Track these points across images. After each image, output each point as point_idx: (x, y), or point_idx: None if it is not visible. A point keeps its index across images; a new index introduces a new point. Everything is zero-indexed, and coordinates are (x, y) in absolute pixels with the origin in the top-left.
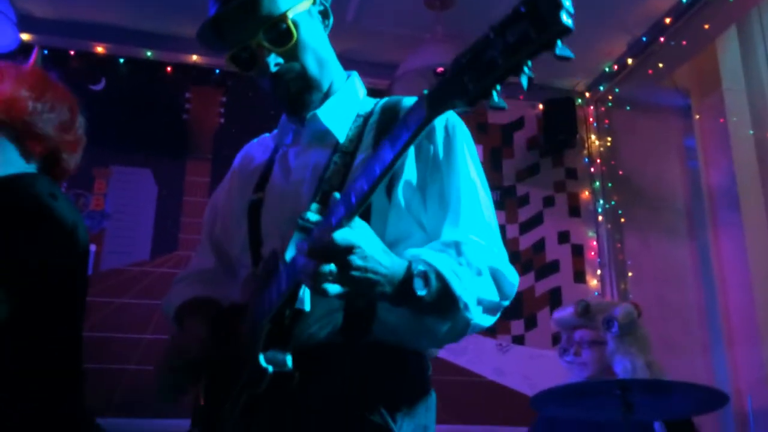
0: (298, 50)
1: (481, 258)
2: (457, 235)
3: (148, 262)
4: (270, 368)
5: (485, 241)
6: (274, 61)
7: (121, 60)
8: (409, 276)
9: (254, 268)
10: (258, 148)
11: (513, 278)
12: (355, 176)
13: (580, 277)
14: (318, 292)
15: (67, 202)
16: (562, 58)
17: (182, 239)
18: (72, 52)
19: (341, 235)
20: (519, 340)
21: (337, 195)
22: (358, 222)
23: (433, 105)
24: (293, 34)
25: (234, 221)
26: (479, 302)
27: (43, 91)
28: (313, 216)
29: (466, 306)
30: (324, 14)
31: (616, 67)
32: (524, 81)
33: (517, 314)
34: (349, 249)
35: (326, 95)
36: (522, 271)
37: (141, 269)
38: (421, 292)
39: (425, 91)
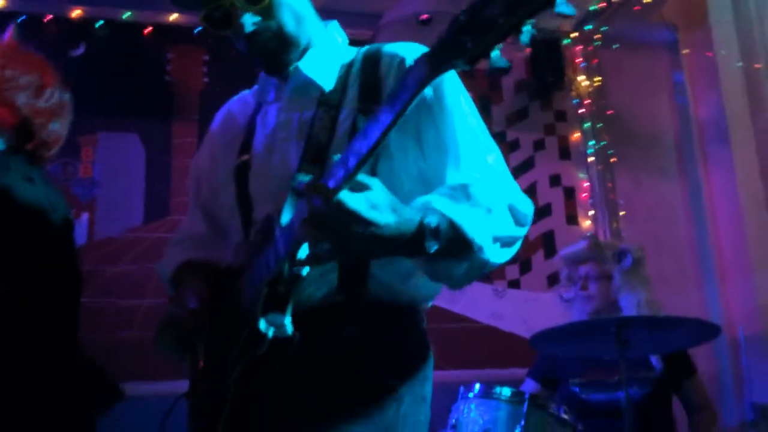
0: (274, 8)
1: (491, 195)
2: (463, 177)
3: (142, 227)
4: (270, 332)
5: (491, 175)
6: (250, 20)
7: (100, 23)
8: (419, 234)
9: (247, 233)
10: (238, 105)
11: (526, 207)
12: (354, 138)
13: (572, 219)
14: (320, 262)
15: (44, 183)
16: (562, 15)
17: (174, 203)
18: (48, 17)
19: (341, 201)
20: (514, 284)
21: (335, 157)
22: (358, 182)
23: (433, 64)
24: None
25: (221, 185)
26: (495, 240)
27: (8, 61)
28: (305, 178)
29: (480, 248)
30: None
31: (602, 4)
32: (525, 39)
33: (512, 259)
34: (350, 215)
35: (305, 49)
36: None
37: (135, 235)
38: (432, 248)
39: (411, 53)
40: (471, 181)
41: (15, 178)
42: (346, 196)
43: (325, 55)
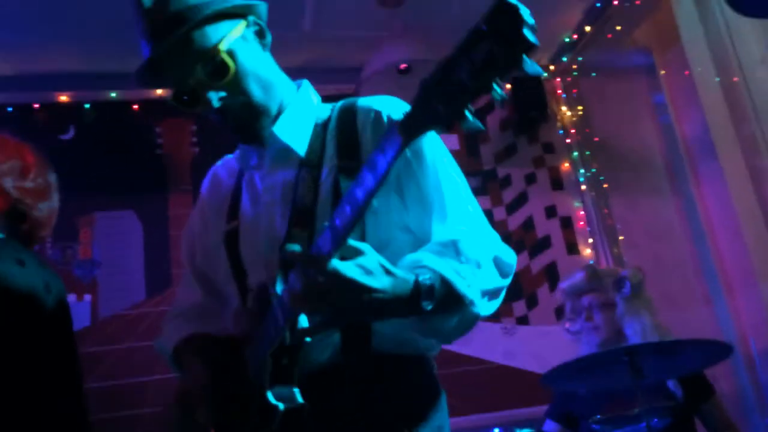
0: (239, 80)
1: (478, 249)
2: (449, 233)
3: (145, 302)
4: (281, 405)
5: (476, 229)
6: (216, 96)
7: (87, 105)
8: (415, 293)
9: (243, 300)
10: (223, 171)
11: (510, 258)
12: (329, 197)
13: (573, 248)
14: (319, 331)
15: (36, 265)
16: (533, 74)
17: (175, 274)
18: (36, 106)
19: (336, 270)
20: (523, 320)
21: (324, 224)
22: (349, 247)
23: (408, 131)
24: (230, 65)
25: (212, 252)
26: (483, 294)
27: None
28: (295, 247)
29: (472, 302)
30: (260, 34)
31: (575, 36)
32: (497, 98)
33: (518, 295)
34: (346, 283)
35: (278, 114)
36: (515, 251)
37: (139, 311)
38: (428, 307)
39: (398, 118)
40: (459, 237)
41: (5, 263)
42: (340, 265)
43: (299, 116)
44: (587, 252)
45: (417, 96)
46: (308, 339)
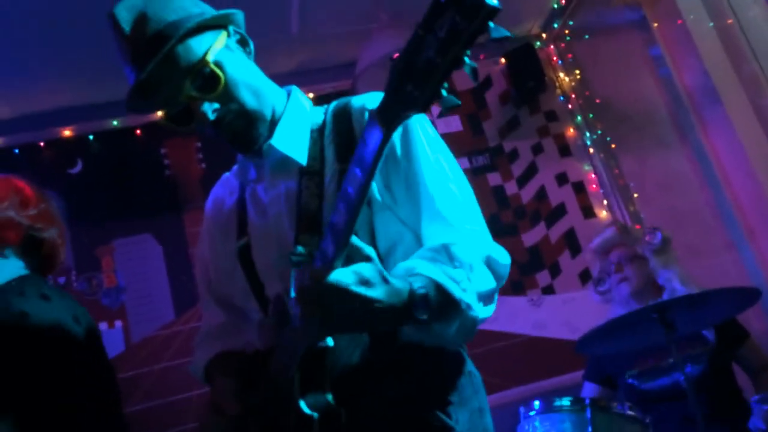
0: (230, 90)
1: (471, 252)
2: (441, 235)
3: (175, 321)
4: (316, 414)
5: (468, 229)
6: (210, 108)
7: (91, 136)
8: (410, 303)
9: (263, 313)
10: (223, 189)
11: (504, 259)
12: (334, 205)
13: (588, 212)
14: (327, 334)
15: (60, 297)
16: (499, 39)
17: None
18: (41, 144)
19: (330, 278)
20: (548, 290)
21: (324, 229)
22: (356, 248)
23: (386, 121)
24: (220, 75)
25: (228, 271)
26: (479, 297)
27: None
28: (304, 249)
29: (468, 306)
30: (242, 42)
31: (563, 1)
32: (469, 71)
33: (540, 266)
34: (337, 292)
35: (273, 122)
36: (531, 223)
37: (170, 330)
38: (423, 316)
39: (373, 108)
40: (451, 240)
41: (31, 300)
42: (336, 273)
43: (295, 125)
44: (603, 214)
45: (389, 80)
46: (331, 341)
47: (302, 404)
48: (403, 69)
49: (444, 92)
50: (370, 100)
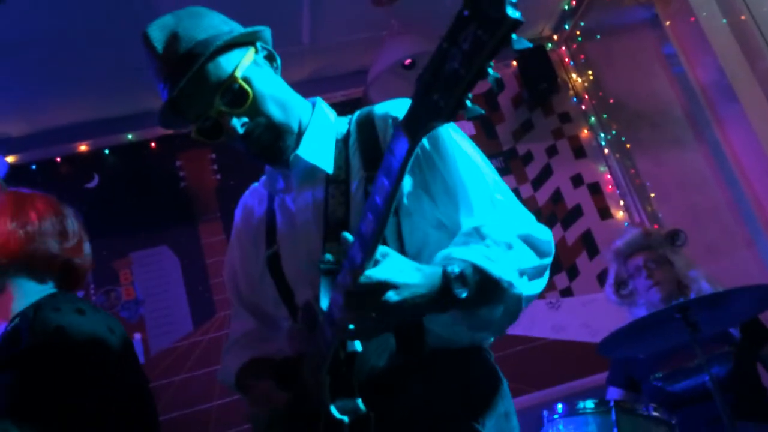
0: (258, 104)
1: (506, 230)
2: (474, 222)
3: (194, 333)
4: (346, 419)
5: (503, 211)
6: (239, 123)
7: (106, 151)
8: (446, 283)
9: (293, 320)
10: (253, 199)
11: (545, 235)
12: (362, 212)
13: (605, 213)
14: (366, 338)
15: (94, 310)
16: (521, 51)
17: (217, 301)
18: (58, 159)
19: (367, 279)
20: (567, 292)
21: (348, 236)
22: (379, 253)
23: (412, 131)
24: (248, 91)
25: (257, 279)
26: (522, 273)
27: (25, 213)
28: (330, 257)
29: (510, 284)
30: (269, 58)
31: (574, 2)
32: (492, 82)
33: (558, 268)
34: (381, 289)
35: (300, 134)
36: (548, 225)
37: (189, 342)
38: (462, 294)
39: (402, 109)
40: (482, 222)
41: (67, 315)
42: (372, 271)
43: (320, 136)
44: (620, 215)
45: (414, 92)
46: (359, 346)
47: (333, 409)
48: (429, 80)
49: (468, 102)
50: (393, 107)
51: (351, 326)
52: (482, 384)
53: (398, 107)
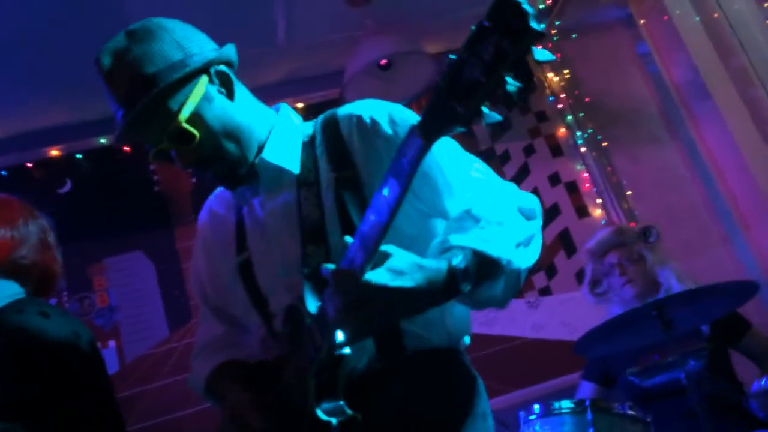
0: (206, 142)
1: (494, 207)
2: (461, 203)
3: (170, 339)
4: (334, 420)
5: (485, 187)
6: (188, 159)
7: (79, 155)
8: (452, 279)
9: (269, 326)
10: (219, 204)
11: (531, 202)
12: (335, 211)
13: (582, 211)
14: (359, 340)
15: (60, 314)
16: (543, 62)
17: (194, 305)
18: (29, 165)
19: (368, 281)
20: (545, 291)
21: (348, 238)
22: (378, 253)
23: (427, 133)
24: (193, 133)
25: (226, 285)
26: (518, 246)
27: (12, 217)
28: (330, 265)
29: (509, 261)
30: (225, 83)
31: (549, 1)
32: (512, 90)
33: (536, 268)
34: (380, 291)
35: (261, 149)
36: None
37: (165, 348)
38: (467, 288)
39: (366, 109)
40: (470, 203)
41: (30, 317)
42: (371, 275)
43: (285, 139)
44: (598, 213)
45: (432, 98)
46: (348, 351)
47: (319, 412)
48: (447, 87)
49: (486, 109)
50: (356, 107)
51: (345, 329)
52: (460, 385)
53: (361, 107)
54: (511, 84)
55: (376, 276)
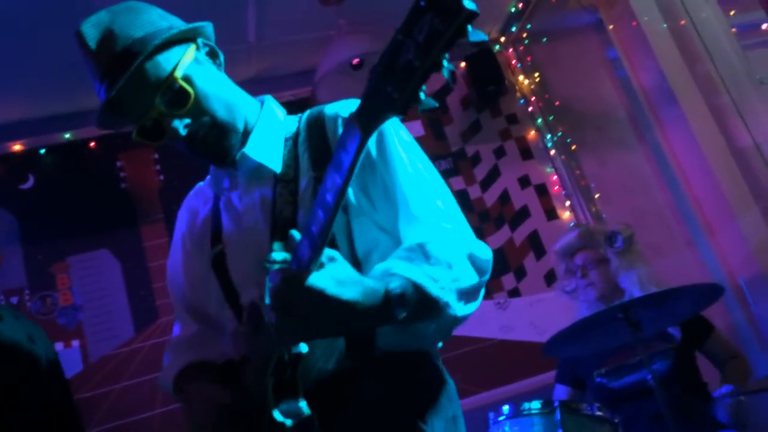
0: (201, 104)
1: (448, 249)
2: (417, 235)
3: (135, 338)
4: (288, 422)
5: (445, 228)
6: (181, 124)
7: (42, 150)
8: (386, 303)
9: (238, 321)
10: (197, 200)
11: (485, 254)
12: (311, 209)
13: (551, 214)
14: (297, 342)
15: (14, 318)
16: (477, 43)
17: (160, 305)
18: None
19: (305, 286)
20: (515, 293)
21: (295, 233)
22: (326, 255)
23: (365, 123)
24: (189, 91)
25: (201, 280)
26: (460, 294)
27: None
28: (278, 255)
29: (447, 304)
30: (212, 54)
31: (521, 5)
32: (447, 75)
33: (506, 269)
34: (316, 295)
35: (246, 132)
36: (496, 226)
37: (130, 348)
38: (401, 315)
39: (352, 110)
40: (427, 239)
41: None
42: (312, 277)
43: (268, 134)
44: (566, 215)
45: (368, 84)
46: (305, 348)
47: (276, 413)
48: (382, 72)
49: (422, 95)
50: (343, 107)
51: (282, 329)
52: (430, 388)
53: (348, 107)
54: (447, 67)
55: (318, 280)
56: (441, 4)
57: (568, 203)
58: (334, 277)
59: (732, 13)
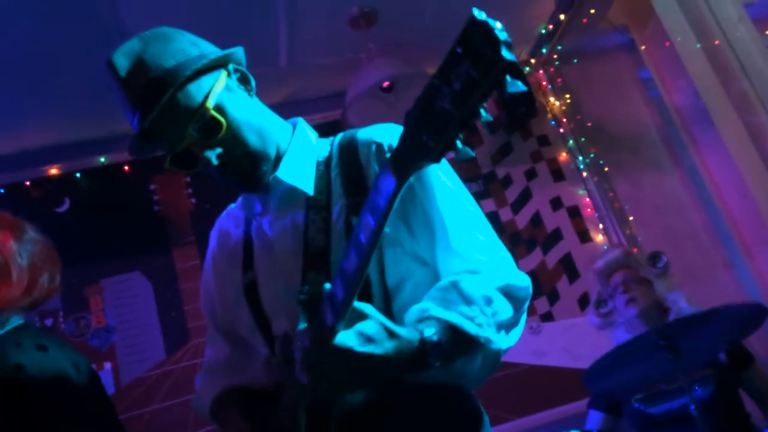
0: (233, 132)
1: (484, 283)
2: (453, 268)
3: (166, 361)
4: None
5: (483, 257)
6: (213, 153)
7: (78, 174)
8: (422, 351)
9: (271, 349)
10: (229, 222)
11: (523, 282)
12: (343, 238)
13: (585, 236)
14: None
15: (58, 346)
16: (516, 95)
17: (191, 328)
18: (27, 183)
19: (332, 345)
20: (547, 317)
21: (327, 285)
22: (354, 310)
23: (400, 170)
24: (221, 120)
25: (233, 304)
26: (500, 327)
27: (22, 239)
28: (309, 288)
29: (488, 340)
30: (243, 79)
31: (551, 26)
32: (484, 123)
33: (538, 293)
34: (343, 355)
35: (278, 157)
36: (527, 249)
37: (162, 370)
38: (437, 363)
39: (385, 136)
40: (462, 275)
41: (28, 352)
42: (340, 336)
43: (300, 158)
44: (600, 238)
45: (403, 130)
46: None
47: None
48: (418, 118)
49: (459, 143)
50: (377, 132)
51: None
52: (462, 419)
53: (382, 133)
54: (484, 116)
55: (346, 338)
56: (478, 53)
57: (601, 226)
58: (362, 334)
59: (767, 32)
